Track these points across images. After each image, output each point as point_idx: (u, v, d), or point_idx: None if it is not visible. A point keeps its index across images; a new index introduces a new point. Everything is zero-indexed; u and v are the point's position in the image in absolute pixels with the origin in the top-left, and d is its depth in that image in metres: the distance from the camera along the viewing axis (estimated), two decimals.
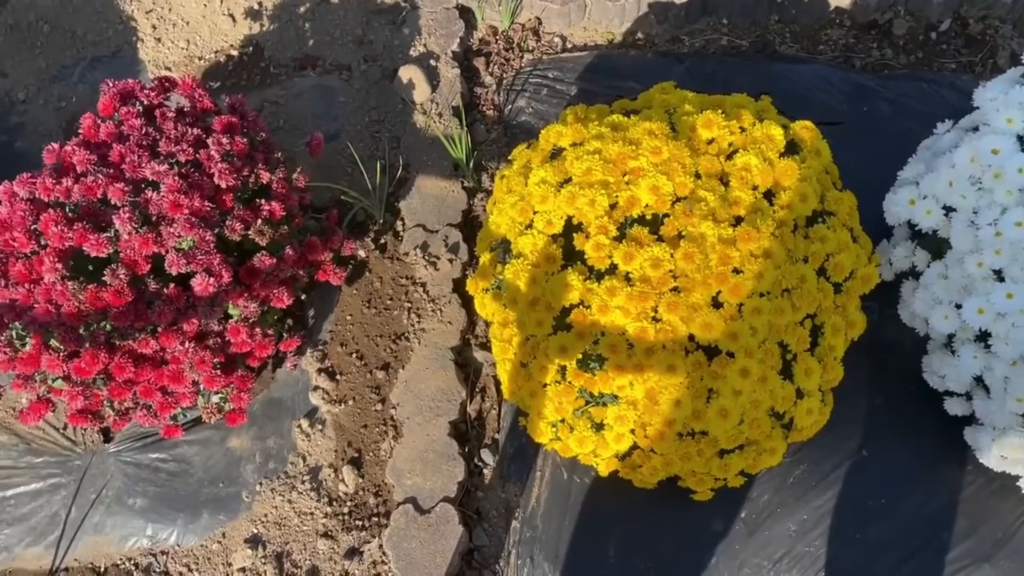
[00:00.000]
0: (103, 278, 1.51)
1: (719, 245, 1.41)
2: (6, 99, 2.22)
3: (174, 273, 1.55)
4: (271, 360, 1.87)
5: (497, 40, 2.30)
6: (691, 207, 1.44)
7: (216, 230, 1.60)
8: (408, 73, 2.15)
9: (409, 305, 1.93)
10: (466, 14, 2.30)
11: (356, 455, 1.80)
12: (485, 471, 1.80)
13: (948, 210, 1.58)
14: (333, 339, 1.91)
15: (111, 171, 1.59)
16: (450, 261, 1.96)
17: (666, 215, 1.47)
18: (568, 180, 1.55)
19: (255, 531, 1.74)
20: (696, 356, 1.42)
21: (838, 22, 2.27)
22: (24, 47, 2.29)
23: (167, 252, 1.55)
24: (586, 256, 1.48)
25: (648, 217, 1.48)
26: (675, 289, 1.43)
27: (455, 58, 2.22)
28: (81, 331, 1.52)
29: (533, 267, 1.55)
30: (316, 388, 1.85)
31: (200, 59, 2.27)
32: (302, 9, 2.30)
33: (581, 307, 1.48)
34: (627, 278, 1.44)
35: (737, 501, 1.68)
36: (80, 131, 1.68)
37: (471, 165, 2.04)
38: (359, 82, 2.22)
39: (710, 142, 1.53)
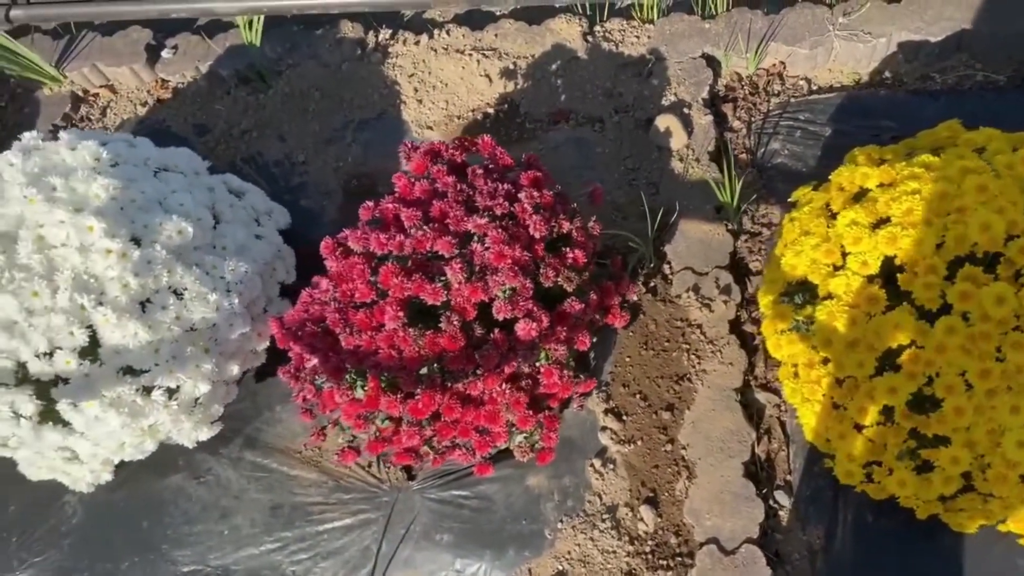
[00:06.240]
0: (438, 324, 1.63)
1: None
2: (287, 161, 2.43)
3: (500, 319, 1.65)
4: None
5: (743, 86, 2.35)
6: None
7: (529, 277, 1.69)
8: (665, 122, 2.22)
9: (687, 347, 1.97)
10: (711, 63, 2.36)
11: (651, 495, 1.84)
12: (780, 513, 1.80)
13: None
14: (614, 380, 1.97)
15: (435, 225, 1.72)
16: (724, 303, 2.00)
17: (998, 254, 1.46)
18: (882, 220, 1.57)
19: (560, 568, 1.80)
20: None
21: None
22: (298, 113, 2.50)
23: (492, 299, 1.65)
24: (914, 296, 1.48)
25: (979, 256, 1.47)
26: (1017, 328, 1.42)
27: (705, 105, 2.28)
28: (418, 374, 1.64)
29: (850, 308, 1.56)
30: (604, 428, 1.91)
31: (458, 118, 2.41)
32: (554, 67, 2.42)
33: (913, 347, 1.48)
34: (964, 317, 1.44)
35: None
36: (396, 190, 1.83)
37: (740, 208, 2.08)
38: (612, 133, 2.31)
39: None
